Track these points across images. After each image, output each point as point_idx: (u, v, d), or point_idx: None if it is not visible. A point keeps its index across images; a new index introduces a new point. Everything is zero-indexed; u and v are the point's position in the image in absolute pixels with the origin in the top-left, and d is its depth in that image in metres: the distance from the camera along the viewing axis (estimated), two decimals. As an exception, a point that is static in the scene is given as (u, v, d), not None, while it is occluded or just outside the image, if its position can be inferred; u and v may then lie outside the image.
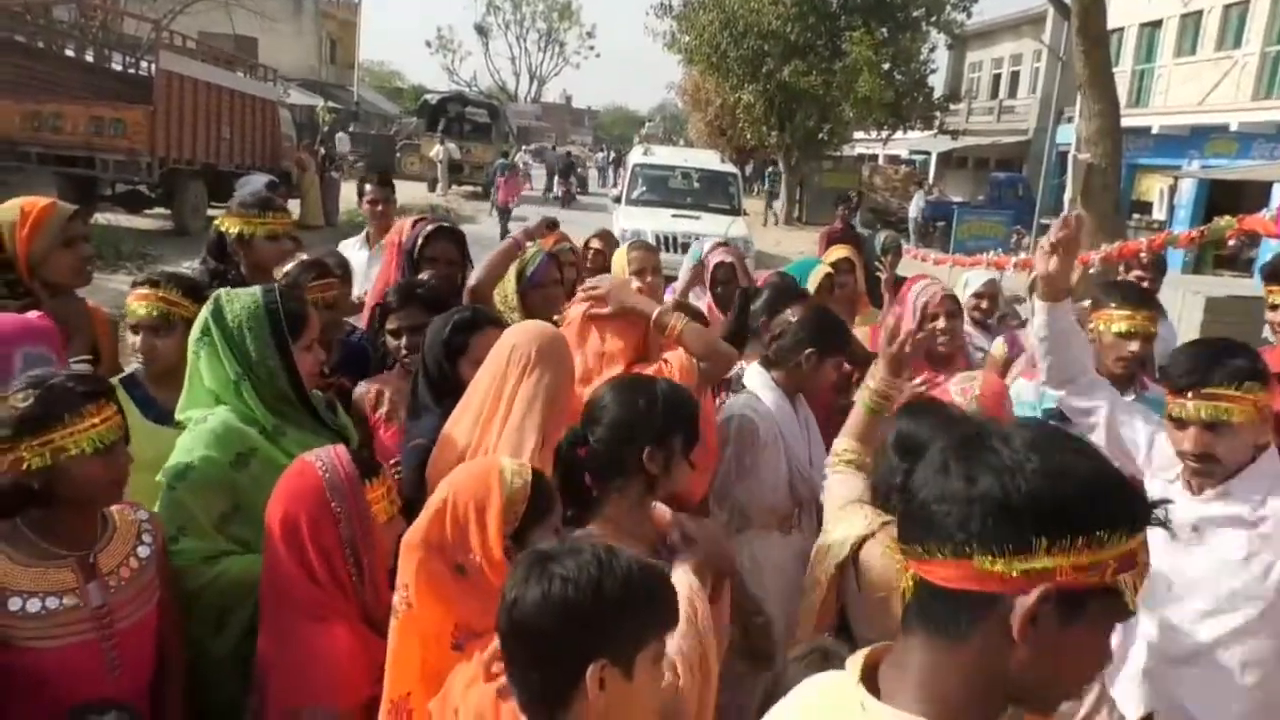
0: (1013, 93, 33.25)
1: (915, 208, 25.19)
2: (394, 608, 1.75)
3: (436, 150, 27.20)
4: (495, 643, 1.50)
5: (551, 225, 3.98)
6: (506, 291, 3.54)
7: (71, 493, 1.91)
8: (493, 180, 22.16)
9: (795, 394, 3.03)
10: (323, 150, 22.47)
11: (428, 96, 33.71)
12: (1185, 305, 11.75)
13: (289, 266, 3.25)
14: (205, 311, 2.36)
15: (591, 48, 75.58)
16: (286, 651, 1.95)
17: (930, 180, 32.29)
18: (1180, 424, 2.26)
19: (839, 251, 4.83)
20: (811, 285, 4.13)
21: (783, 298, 3.49)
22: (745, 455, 2.87)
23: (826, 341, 2.99)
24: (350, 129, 32.89)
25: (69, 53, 16.21)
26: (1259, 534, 2.22)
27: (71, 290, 2.90)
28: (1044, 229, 16.25)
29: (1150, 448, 2.48)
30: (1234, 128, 20.11)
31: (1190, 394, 2.22)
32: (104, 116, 13.61)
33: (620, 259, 4.34)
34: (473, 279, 3.47)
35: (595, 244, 5.08)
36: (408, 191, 25.03)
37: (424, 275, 3.47)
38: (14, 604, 1.87)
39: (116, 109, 13.78)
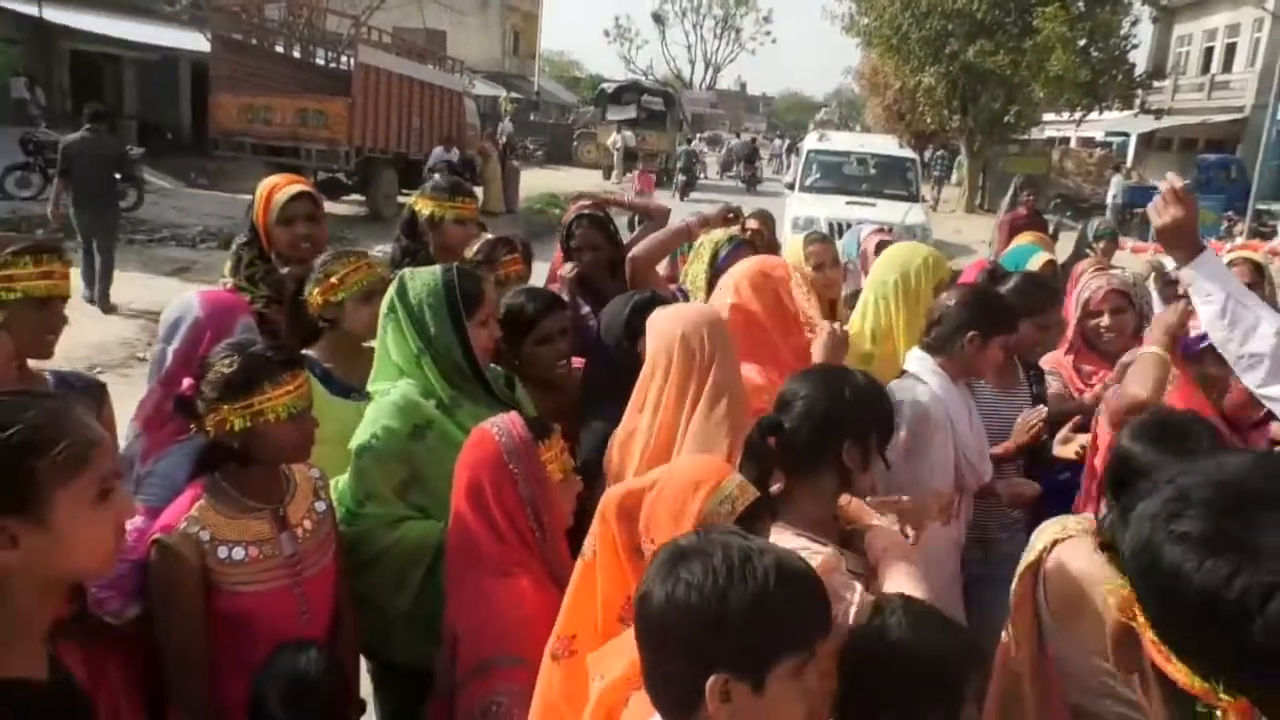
0: (1227, 66, 30.64)
1: (1114, 192, 23.60)
2: (583, 551, 1.77)
3: (613, 138, 27.64)
4: None
5: (734, 215, 3.96)
6: (696, 273, 3.55)
7: (266, 454, 2.05)
8: (679, 169, 22.67)
9: (960, 379, 2.90)
10: (504, 139, 23.24)
11: (604, 85, 34.31)
12: None
13: (479, 243, 3.40)
14: (392, 289, 2.48)
15: (768, 33, 74.78)
16: (476, 607, 2.04)
17: (1129, 163, 30.20)
18: None
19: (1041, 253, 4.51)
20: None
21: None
22: (916, 439, 2.76)
23: (989, 322, 2.83)
24: (530, 118, 33.93)
25: (278, 49, 17.40)
26: None
27: (297, 262, 3.07)
28: (1259, 215, 14.97)
29: None
30: None
31: None
32: (308, 108, 14.63)
33: (796, 250, 4.26)
34: (636, 249, 3.55)
35: (752, 224, 4.99)
36: (584, 179, 25.67)
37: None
38: (222, 552, 2.02)
39: (319, 101, 14.77)
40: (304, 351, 2.71)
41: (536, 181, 22.25)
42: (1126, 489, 1.68)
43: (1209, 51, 32.16)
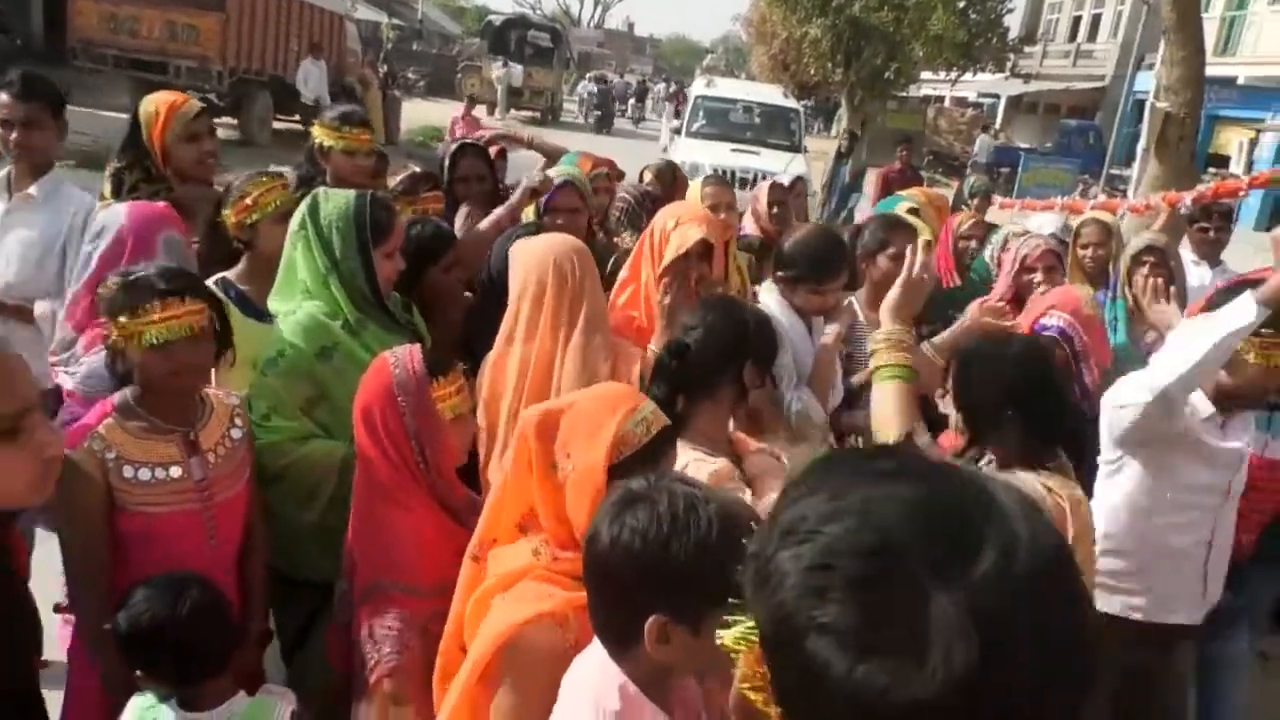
0: (1092, 36, 32.13)
1: (978, 150, 24.59)
2: (504, 465, 1.85)
3: (497, 73, 27.08)
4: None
5: (535, 193, 3.63)
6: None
7: (140, 379, 2.05)
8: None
9: (808, 317, 3.10)
10: (385, 68, 22.49)
11: (491, 18, 33.43)
12: (1258, 262, 11.49)
13: (402, 175, 3.39)
14: (303, 207, 2.49)
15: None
16: (374, 533, 2.09)
17: (998, 125, 31.46)
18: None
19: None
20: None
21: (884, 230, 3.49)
22: None
23: (818, 270, 3.02)
24: (413, 47, 32.84)
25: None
26: None
27: (198, 180, 3.07)
28: (1113, 178, 15.86)
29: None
30: (1325, 82, 19.32)
31: None
32: (178, 22, 13.77)
33: (694, 192, 4.38)
34: (467, 235, 3.33)
35: (649, 175, 5.05)
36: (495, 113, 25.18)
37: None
38: (128, 471, 2.03)
39: (191, 15, 13.90)
40: (222, 274, 2.72)
41: (417, 113, 21.60)
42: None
43: (1077, 21, 33.60)
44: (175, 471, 2.08)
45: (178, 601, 1.92)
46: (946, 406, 2.74)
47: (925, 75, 28.55)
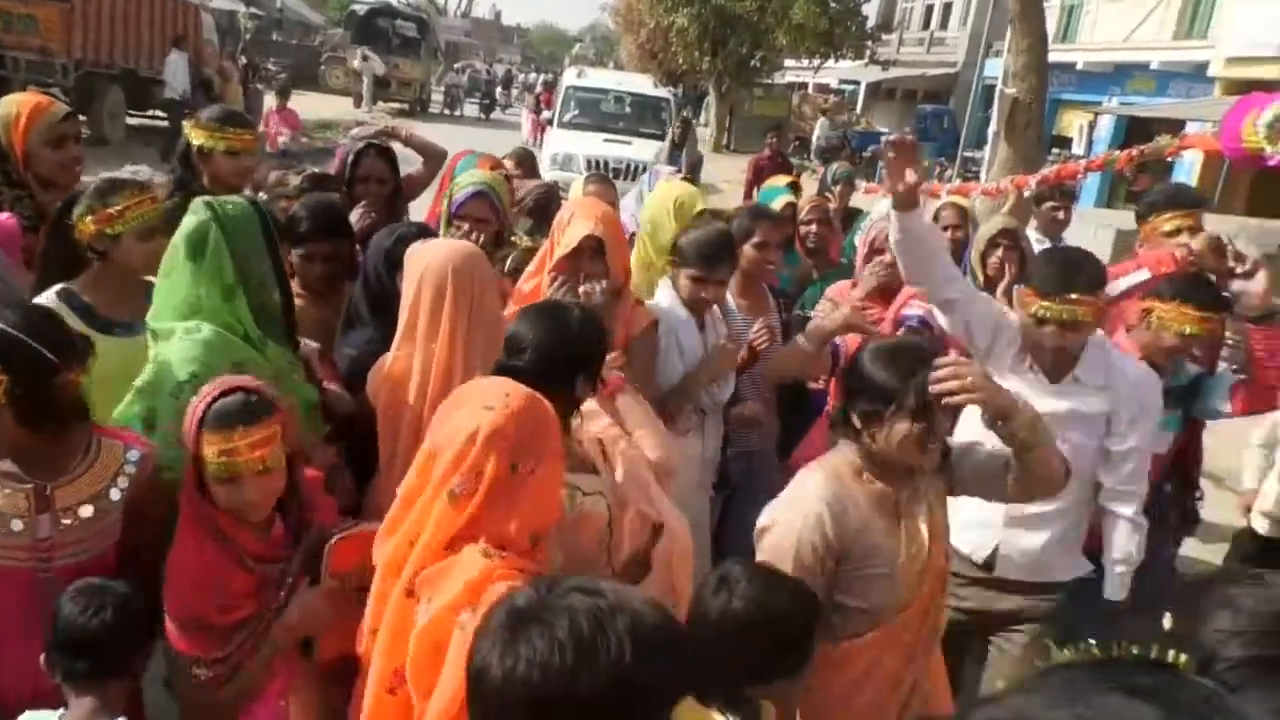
0: (944, 25, 33.55)
1: (818, 134, 25.16)
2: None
3: (359, 63, 26.38)
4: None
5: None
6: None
7: None
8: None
9: (700, 311, 3.20)
10: (244, 59, 21.68)
11: (355, 7, 32.49)
12: (1096, 238, 12.31)
13: (292, 177, 3.35)
14: (198, 217, 2.32)
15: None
16: (171, 555, 2.04)
17: (859, 110, 32.56)
18: (1042, 322, 2.64)
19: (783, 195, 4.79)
20: (777, 207, 4.26)
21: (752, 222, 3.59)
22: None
23: (687, 260, 3.14)
24: (273, 37, 31.74)
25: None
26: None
27: (62, 186, 2.93)
28: (966, 161, 16.58)
29: (994, 340, 2.80)
30: (1154, 66, 20.74)
31: (1055, 299, 2.60)
32: (13, 11, 12.93)
33: (577, 191, 4.43)
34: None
35: (509, 163, 5.09)
36: (333, 106, 24.45)
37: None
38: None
39: (27, 4, 13.07)
40: (65, 285, 2.54)
41: (280, 106, 20.95)
42: (852, 398, 2.07)
43: (929, 10, 35.01)
44: (16, 525, 1.95)
45: (93, 608, 1.86)
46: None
47: (789, 63, 29.29)
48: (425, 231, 2.89)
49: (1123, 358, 2.86)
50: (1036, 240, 5.09)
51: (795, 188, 5.11)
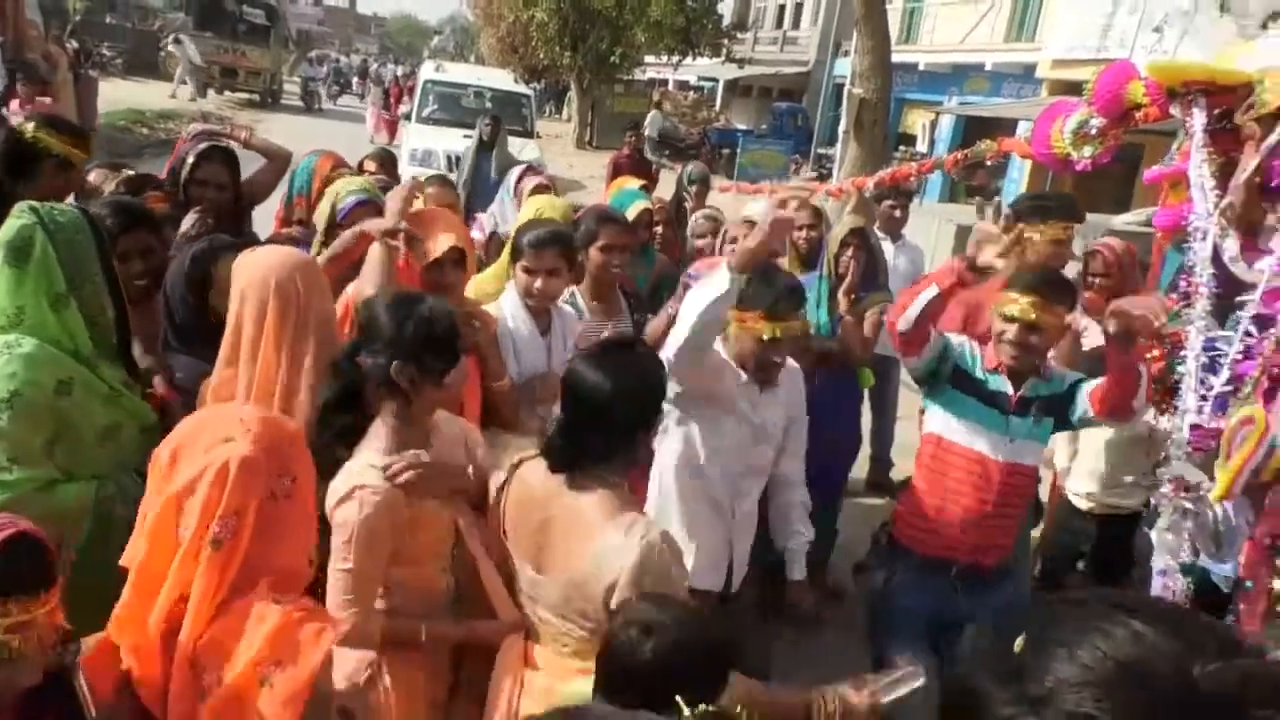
0: (796, 24, 34.52)
1: (650, 126, 25.38)
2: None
3: (174, 47, 25.01)
4: None
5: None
6: (321, 213, 3.48)
7: None
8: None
9: (542, 317, 3.21)
10: (75, 43, 20.39)
11: (196, -9, 31.04)
12: (939, 233, 12.98)
13: (119, 178, 3.18)
14: (21, 220, 2.20)
15: (376, -50, 70.49)
16: None
17: (718, 107, 33.18)
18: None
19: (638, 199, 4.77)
20: (630, 218, 4.25)
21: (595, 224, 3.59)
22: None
23: (530, 251, 3.13)
24: (106, 19, 29.95)
25: None
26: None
27: None
28: (820, 158, 17.14)
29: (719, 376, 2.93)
30: (989, 67, 21.88)
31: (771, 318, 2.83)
32: None
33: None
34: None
35: (370, 165, 5.02)
36: (167, 93, 23.30)
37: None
38: None
39: None
40: None
41: (116, 95, 19.77)
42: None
43: (782, 9, 35.96)
44: None
45: None
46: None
47: (649, 59, 29.60)
48: (219, 242, 2.75)
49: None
50: (879, 238, 5.38)
51: (647, 189, 5.20)
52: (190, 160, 3.55)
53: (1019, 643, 0.80)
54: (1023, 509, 3.05)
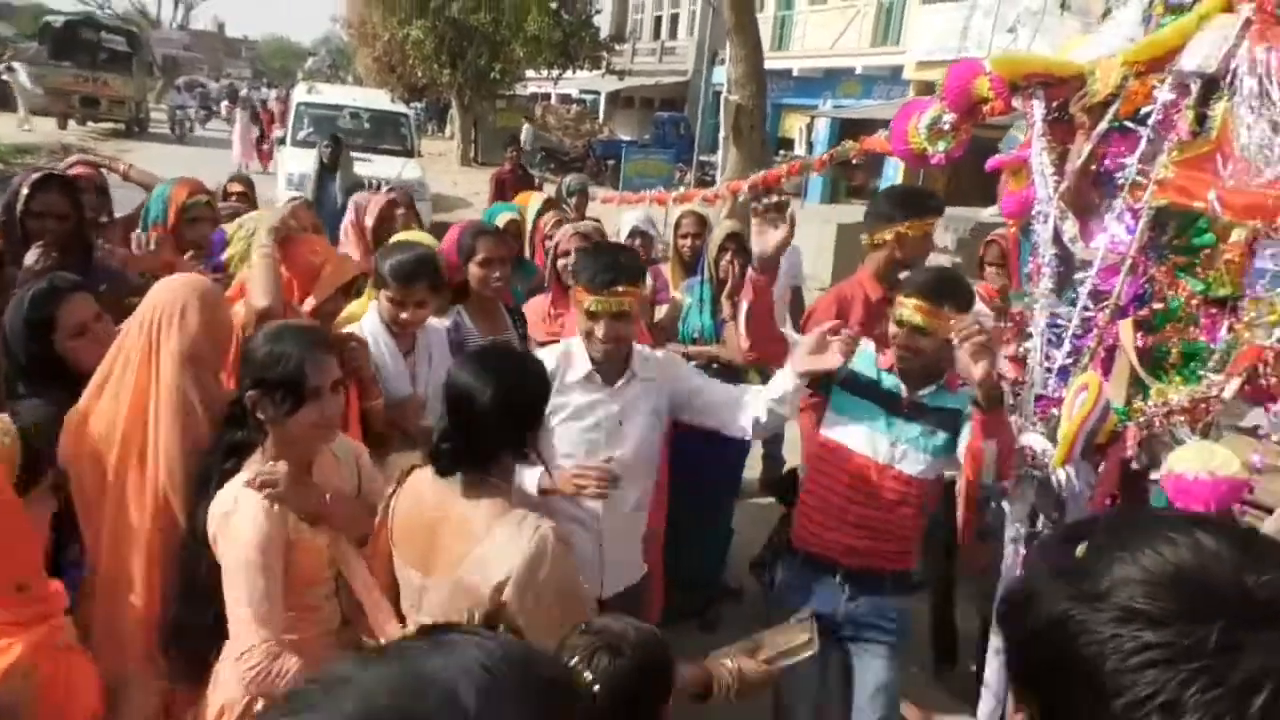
0: (673, 34, 34.97)
1: (526, 140, 25.43)
2: None
3: (7, 75, 23.82)
4: None
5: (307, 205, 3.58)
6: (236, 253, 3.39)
7: None
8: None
9: (404, 337, 3.17)
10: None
11: (49, 18, 29.59)
12: (820, 233, 13.33)
13: None
14: None
15: (243, -30, 68.32)
16: None
17: (601, 119, 33.35)
18: (592, 316, 2.70)
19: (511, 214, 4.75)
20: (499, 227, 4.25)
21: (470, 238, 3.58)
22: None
23: (398, 283, 3.10)
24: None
25: None
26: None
27: None
28: (703, 165, 17.37)
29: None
30: (859, 71, 22.60)
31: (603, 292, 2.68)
32: None
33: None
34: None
35: (236, 187, 4.88)
36: (37, 127, 22.17)
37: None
38: None
39: None
40: None
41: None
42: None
43: (659, 20, 36.40)
44: None
45: None
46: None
47: (530, 74, 29.57)
48: (61, 281, 2.59)
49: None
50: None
51: (552, 204, 5.16)
52: (25, 191, 3.30)
53: (1081, 548, 0.81)
54: (913, 519, 2.87)
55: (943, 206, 3.99)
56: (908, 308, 2.71)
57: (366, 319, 3.17)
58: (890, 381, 2.86)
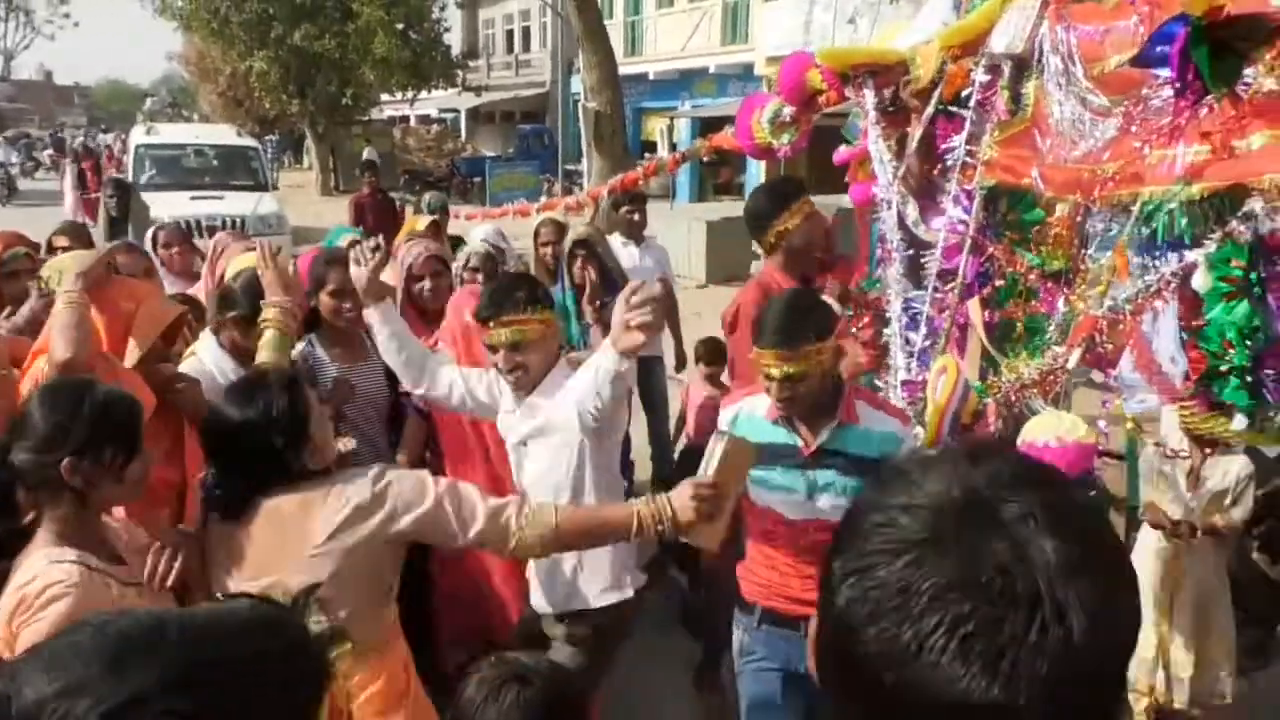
0: (526, 47, 34.84)
1: (366, 158, 25.05)
2: None
3: None
4: None
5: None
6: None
7: None
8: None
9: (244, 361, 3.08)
10: None
11: None
12: (691, 231, 13.46)
13: None
14: None
15: (66, 15, 64.60)
16: None
17: (463, 136, 32.99)
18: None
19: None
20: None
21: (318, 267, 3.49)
22: None
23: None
24: None
25: None
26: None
27: None
28: (569, 174, 17.38)
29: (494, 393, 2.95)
30: (712, 70, 22.96)
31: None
32: None
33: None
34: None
35: (60, 241, 4.61)
36: None
37: None
38: None
39: None
40: None
41: None
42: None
43: (510, 34, 36.23)
44: None
45: None
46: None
47: (385, 97, 28.99)
48: None
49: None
50: (621, 243, 5.49)
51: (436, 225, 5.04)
52: None
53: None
54: None
55: (804, 187, 3.89)
56: (767, 360, 2.41)
57: (204, 351, 3.07)
58: (783, 435, 2.56)
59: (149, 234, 4.64)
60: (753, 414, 2.64)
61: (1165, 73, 1.61)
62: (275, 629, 0.86)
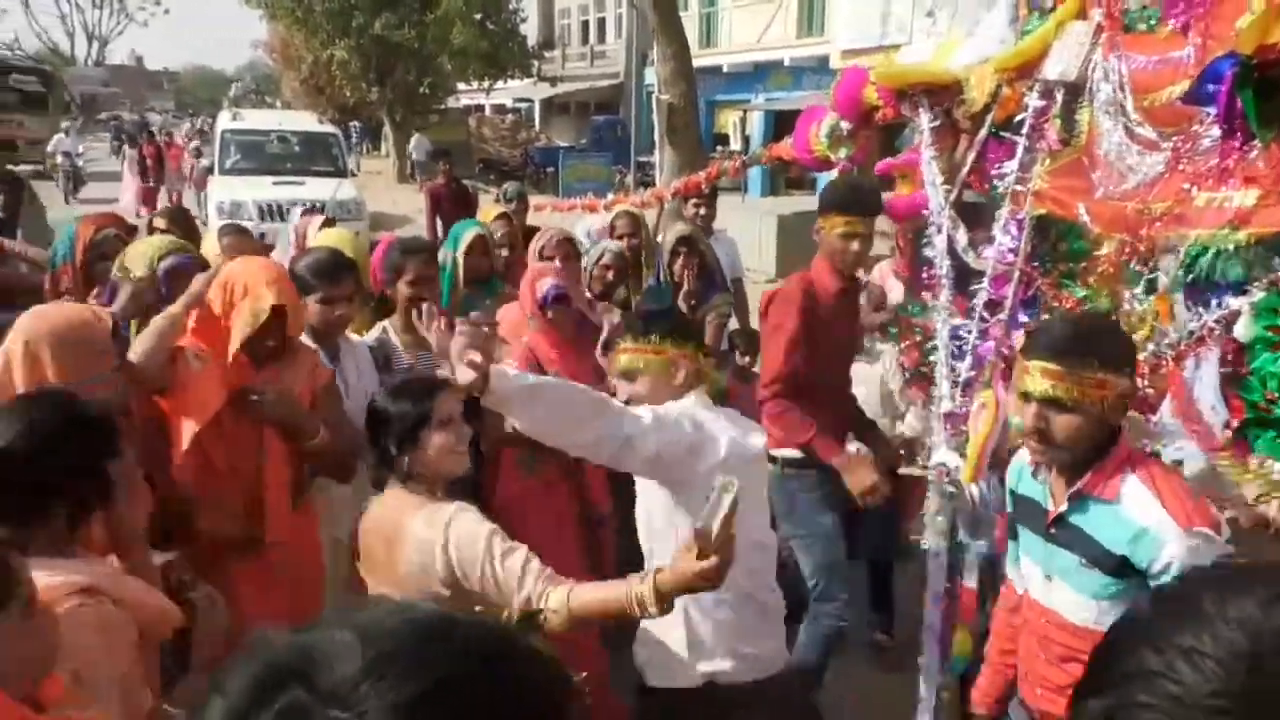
0: (601, 38, 34.93)
1: (416, 150, 24.92)
2: None
3: None
4: None
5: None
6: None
7: None
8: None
9: (329, 340, 3.15)
10: None
11: (-43, 63, 28.77)
12: (762, 226, 13.41)
13: None
14: None
15: (158, 1, 66.86)
16: None
17: (537, 127, 33.25)
18: None
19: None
20: (463, 246, 4.11)
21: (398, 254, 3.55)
22: None
23: (325, 281, 3.08)
24: None
25: None
26: None
27: None
28: (641, 166, 17.38)
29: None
30: (787, 63, 22.75)
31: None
32: None
33: (211, 243, 4.22)
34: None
35: (160, 223, 4.77)
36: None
37: None
38: None
39: None
40: None
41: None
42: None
43: (586, 25, 36.35)
44: None
45: None
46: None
47: (461, 87, 29.36)
48: None
49: None
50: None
51: (506, 216, 4.99)
52: None
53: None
54: None
55: (874, 205, 3.73)
56: (1032, 374, 1.92)
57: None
58: (1036, 488, 2.11)
59: (214, 231, 4.71)
60: (1022, 459, 2.17)
61: (1214, 110, 1.58)
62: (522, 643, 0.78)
